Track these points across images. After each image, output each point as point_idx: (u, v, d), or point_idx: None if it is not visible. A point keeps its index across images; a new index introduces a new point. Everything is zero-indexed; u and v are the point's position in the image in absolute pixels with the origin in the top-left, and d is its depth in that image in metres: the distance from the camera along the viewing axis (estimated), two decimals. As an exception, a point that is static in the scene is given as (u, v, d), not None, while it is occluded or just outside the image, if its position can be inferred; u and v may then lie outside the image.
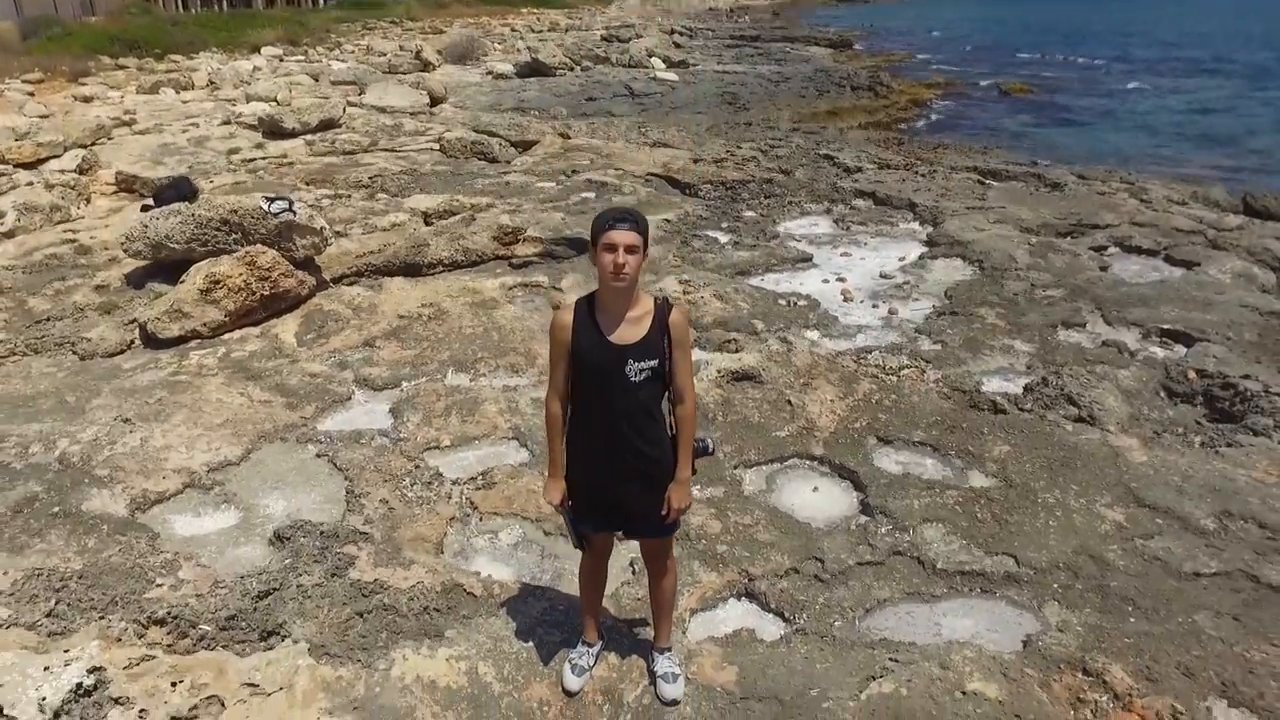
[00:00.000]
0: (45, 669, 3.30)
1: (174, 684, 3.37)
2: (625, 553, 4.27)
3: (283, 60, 27.52)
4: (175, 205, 7.59)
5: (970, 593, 4.23)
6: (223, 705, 3.33)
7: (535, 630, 3.82)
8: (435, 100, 19.26)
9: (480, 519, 4.81)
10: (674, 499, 3.16)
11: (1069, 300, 7.71)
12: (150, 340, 6.84)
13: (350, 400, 6.08)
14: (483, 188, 11.61)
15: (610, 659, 3.68)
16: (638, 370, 2.98)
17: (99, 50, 26.26)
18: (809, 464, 5.38)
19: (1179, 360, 6.45)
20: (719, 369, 6.24)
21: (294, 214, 7.42)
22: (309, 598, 3.98)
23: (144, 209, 8.37)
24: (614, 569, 3.78)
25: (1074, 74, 31.65)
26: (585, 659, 3.58)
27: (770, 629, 4.04)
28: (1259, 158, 17.96)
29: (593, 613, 3.61)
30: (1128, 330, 7.13)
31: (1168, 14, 69.36)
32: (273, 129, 14.47)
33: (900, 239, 9.94)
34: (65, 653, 3.43)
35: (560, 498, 3.21)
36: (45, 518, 4.54)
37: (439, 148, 13.93)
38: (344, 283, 8.18)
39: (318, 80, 21.79)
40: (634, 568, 4.28)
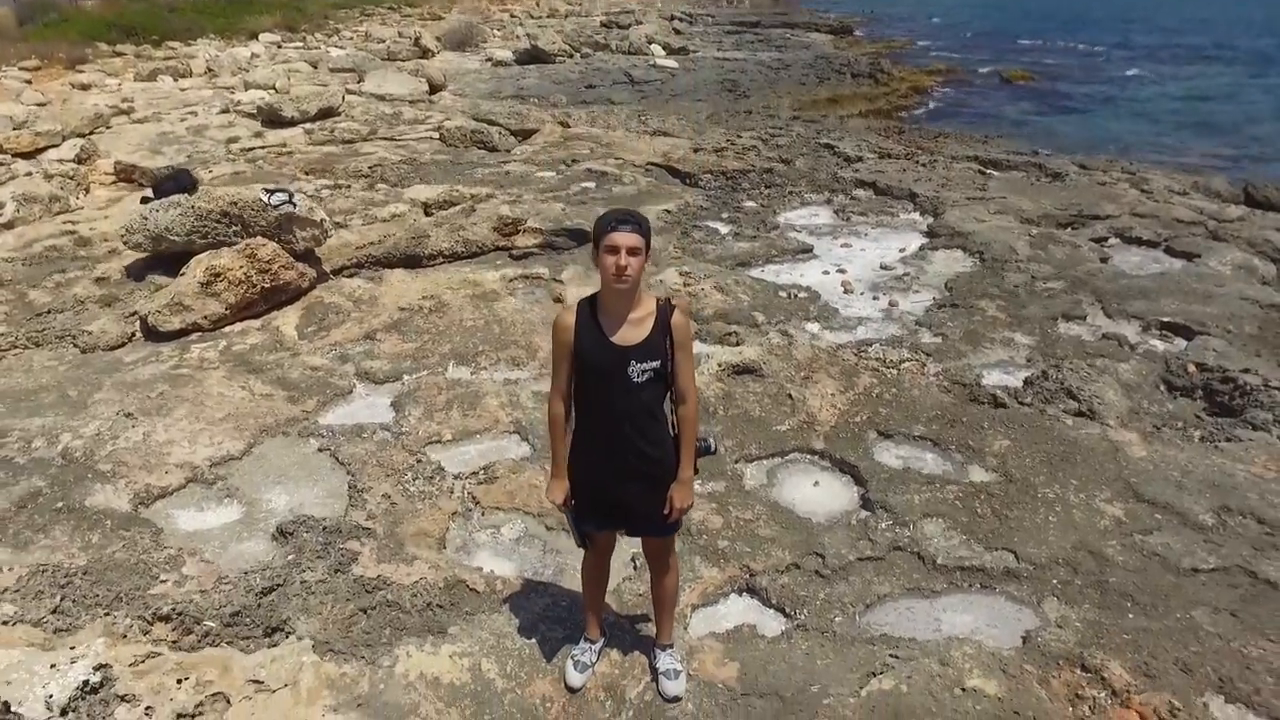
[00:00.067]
0: (52, 666, 3.32)
1: (179, 681, 3.39)
2: (627, 548, 4.29)
3: (281, 47, 27.38)
4: (175, 197, 7.58)
5: (970, 588, 4.25)
6: (228, 702, 3.36)
7: (538, 627, 3.84)
8: (434, 88, 19.18)
9: (482, 514, 4.83)
10: (676, 498, 3.17)
11: (1069, 292, 7.72)
12: (151, 333, 6.84)
13: (352, 394, 6.08)
14: (482, 177, 11.58)
15: (612, 655, 3.70)
16: (640, 371, 2.98)
17: (96, 37, 26.12)
18: (810, 458, 5.40)
19: (1179, 354, 6.46)
20: (720, 362, 6.25)
21: (294, 206, 7.41)
22: (313, 594, 4.00)
23: (144, 201, 8.35)
24: (616, 564, 3.80)
25: (1074, 60, 31.56)
26: (588, 656, 3.61)
27: (771, 624, 4.06)
28: (1260, 145, 17.94)
29: (595, 610, 3.63)
30: (1128, 323, 7.14)
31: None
32: (271, 118, 14.43)
33: (901, 230, 9.93)
34: (71, 650, 3.45)
35: (563, 497, 3.23)
36: (49, 513, 4.55)
37: (438, 136, 13.90)
38: (344, 274, 8.17)
39: (316, 67, 21.69)
40: (635, 563, 4.30)
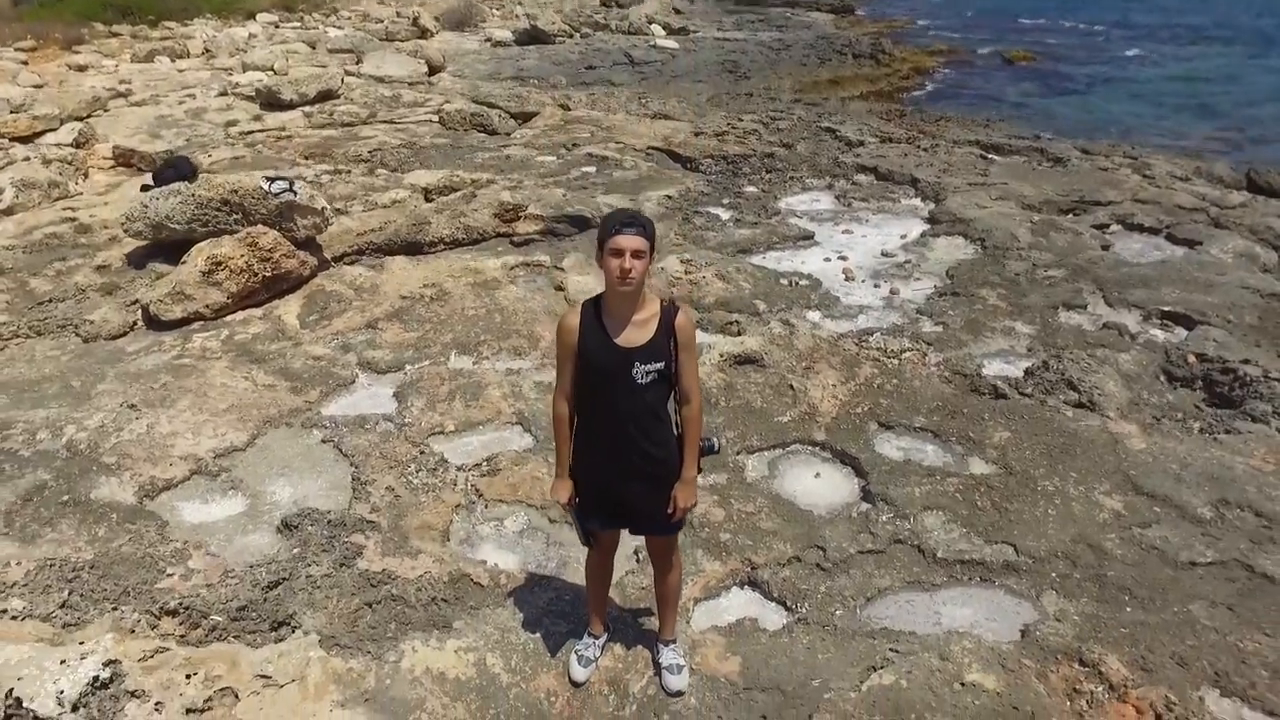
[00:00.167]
0: (62, 662, 3.35)
1: (188, 676, 3.43)
2: (630, 542, 4.28)
3: (278, 27, 27.11)
4: (175, 185, 7.54)
5: (970, 581, 4.29)
6: (236, 697, 3.40)
7: (542, 621, 3.88)
8: (433, 69, 19.06)
9: (485, 506, 4.85)
10: (680, 498, 3.20)
11: (1070, 281, 7.72)
12: (153, 322, 6.84)
13: (354, 384, 6.10)
14: (483, 162, 11.54)
15: (616, 650, 3.74)
16: (644, 372, 3.00)
17: (92, 16, 25.84)
18: (811, 450, 5.43)
19: (1179, 344, 6.48)
20: (721, 353, 6.26)
21: (294, 194, 7.39)
22: (318, 588, 4.04)
23: (144, 189, 8.33)
24: (618, 558, 3.82)
25: (1075, 40, 31.32)
26: (591, 650, 3.65)
27: (773, 618, 4.10)
28: (1261, 127, 17.86)
29: (599, 605, 3.67)
30: (1129, 312, 7.15)
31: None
32: (270, 100, 14.34)
33: (902, 216, 9.91)
34: (80, 645, 3.48)
35: (568, 496, 3.26)
36: (55, 506, 4.58)
37: (438, 119, 13.83)
38: (345, 262, 8.17)
39: (314, 48, 21.52)
40: (638, 557, 4.34)
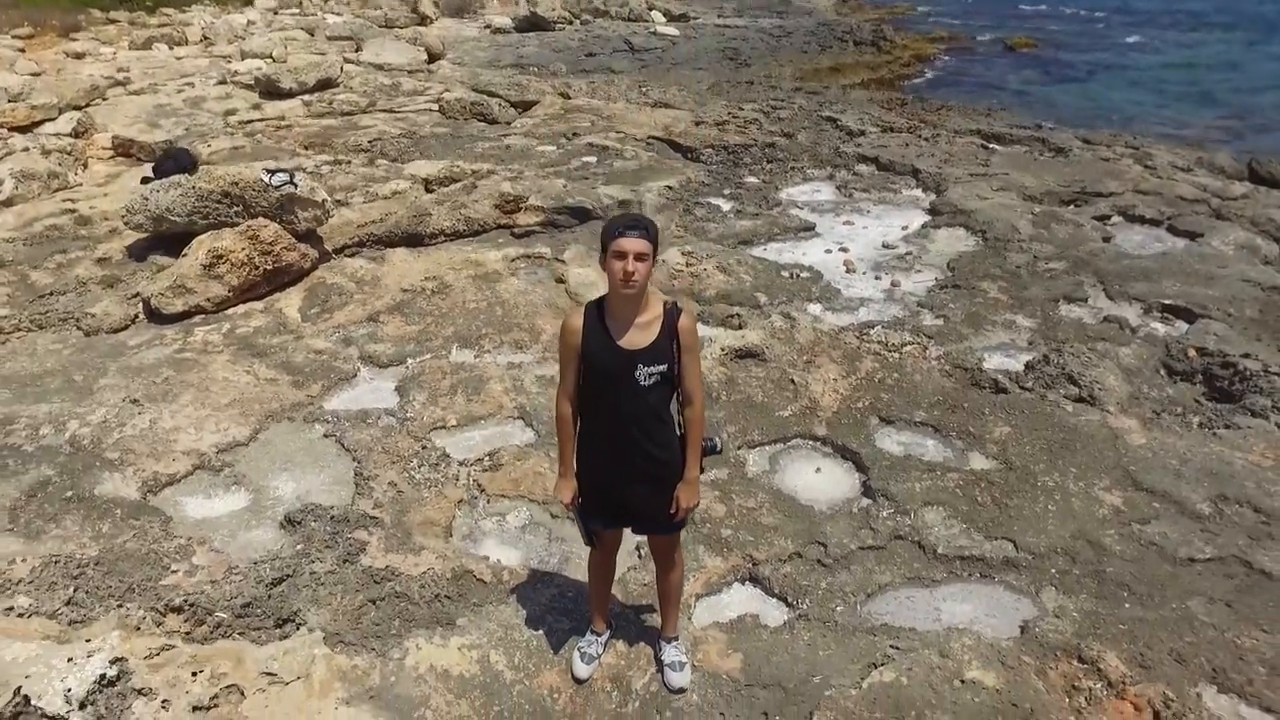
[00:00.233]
0: (69, 660, 3.38)
1: (194, 674, 3.46)
2: (632, 538, 4.30)
3: (277, 13, 27.01)
4: (175, 177, 7.54)
5: (970, 577, 4.32)
6: (242, 694, 3.43)
7: (545, 618, 3.91)
8: (433, 57, 18.99)
9: (488, 501, 4.87)
10: (683, 498, 3.22)
11: (1071, 273, 7.71)
12: (154, 315, 6.84)
13: (356, 378, 6.11)
14: (483, 151, 11.51)
15: (618, 647, 3.77)
16: (647, 375, 3.01)
17: (89, 3, 25.73)
18: (812, 444, 5.44)
19: (1180, 338, 6.48)
20: (723, 346, 6.27)
21: (295, 186, 7.38)
22: (322, 584, 4.06)
23: (144, 181, 8.32)
24: (621, 555, 3.83)
25: (1076, 26, 31.19)
26: (594, 648, 3.68)
27: (774, 614, 4.13)
28: (1262, 115, 17.81)
29: (601, 603, 3.69)
30: (1129, 305, 7.15)
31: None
32: (269, 89, 14.29)
33: (903, 207, 9.90)
34: (87, 643, 3.51)
35: (571, 496, 3.28)
36: (59, 502, 4.60)
37: (438, 108, 13.79)
38: (346, 253, 8.16)
39: (313, 35, 21.44)
40: (640, 553, 4.36)
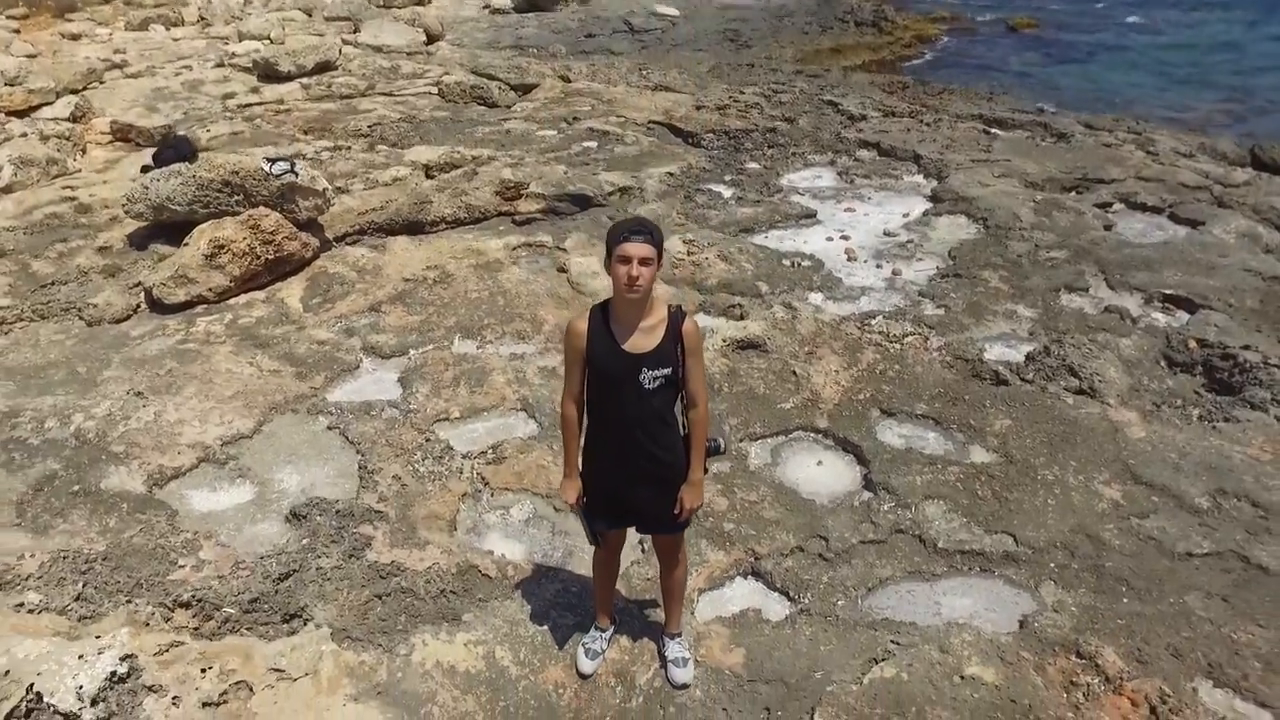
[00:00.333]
0: (80, 657, 3.42)
1: (203, 670, 3.50)
2: (635, 532, 4.37)
3: (273, -8, 26.74)
4: (175, 166, 7.51)
5: (969, 572, 4.36)
6: (251, 691, 3.47)
7: (549, 613, 3.95)
8: (432, 38, 18.83)
9: (491, 494, 4.91)
10: (687, 499, 3.25)
11: (1072, 262, 7.71)
12: (156, 305, 6.84)
13: (359, 369, 6.12)
14: (483, 136, 11.46)
15: (622, 642, 3.82)
16: (651, 378, 3.03)
17: (84, -18, 25.49)
18: (813, 436, 5.47)
19: (1180, 328, 6.50)
20: (724, 338, 6.28)
21: (296, 175, 7.36)
22: (328, 580, 4.10)
23: (144, 170, 8.29)
24: (624, 548, 3.87)
25: (1078, 5, 30.83)
26: (598, 643, 3.72)
27: (776, 608, 4.17)
28: (1263, 97, 17.67)
29: (605, 600, 3.74)
30: (1130, 295, 7.16)
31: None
32: (267, 72, 14.18)
33: (904, 193, 9.87)
34: (97, 639, 3.55)
35: (575, 497, 3.30)
36: (66, 496, 4.64)
37: (438, 92, 13.69)
38: (347, 242, 8.14)
39: (311, 15, 21.23)
40: (643, 547, 4.40)
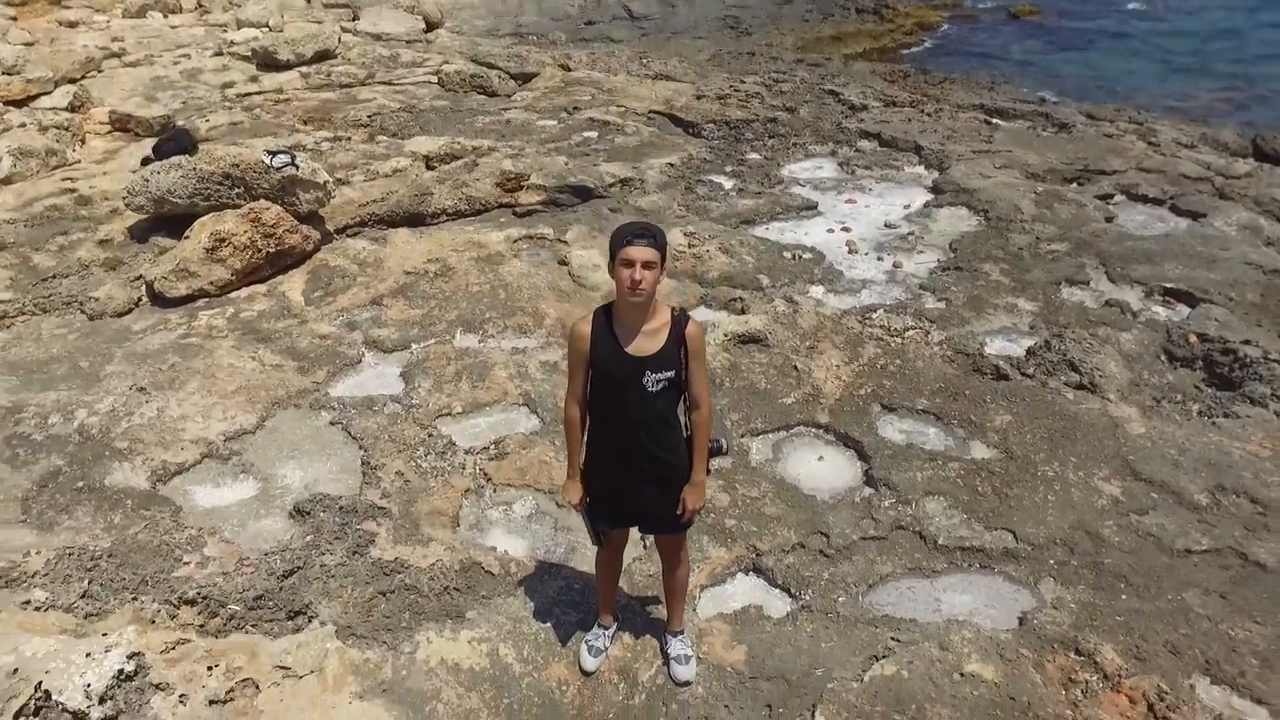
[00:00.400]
0: (87, 655, 3.44)
1: (210, 668, 3.53)
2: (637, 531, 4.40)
3: (271, -22, 26.59)
4: (176, 159, 7.50)
5: (969, 568, 4.39)
6: (257, 688, 3.50)
7: (552, 610, 3.98)
8: (431, 25, 18.75)
9: (494, 490, 4.93)
10: (689, 500, 3.27)
11: (1073, 255, 7.71)
12: (157, 299, 6.84)
13: (361, 363, 6.13)
14: (483, 126, 11.42)
15: (625, 639, 3.84)
16: (655, 381, 3.04)
17: (80, -33, 25.33)
18: (815, 432, 5.49)
19: (1181, 323, 6.51)
20: (725, 332, 6.29)
21: (296, 168, 7.34)
22: (332, 577, 4.13)
23: (144, 162, 8.28)
24: (626, 546, 3.90)
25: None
26: (601, 640, 3.75)
27: (777, 605, 4.20)
28: (1264, 86, 17.57)
29: (608, 598, 3.76)
30: (1131, 289, 7.16)
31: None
32: (266, 61, 14.12)
33: (905, 184, 9.86)
34: (104, 637, 3.57)
35: (579, 497, 3.33)
36: (70, 492, 4.66)
37: (437, 81, 13.64)
38: (348, 234, 8.13)
39: (309, 2, 21.07)
40: (645, 543, 4.42)
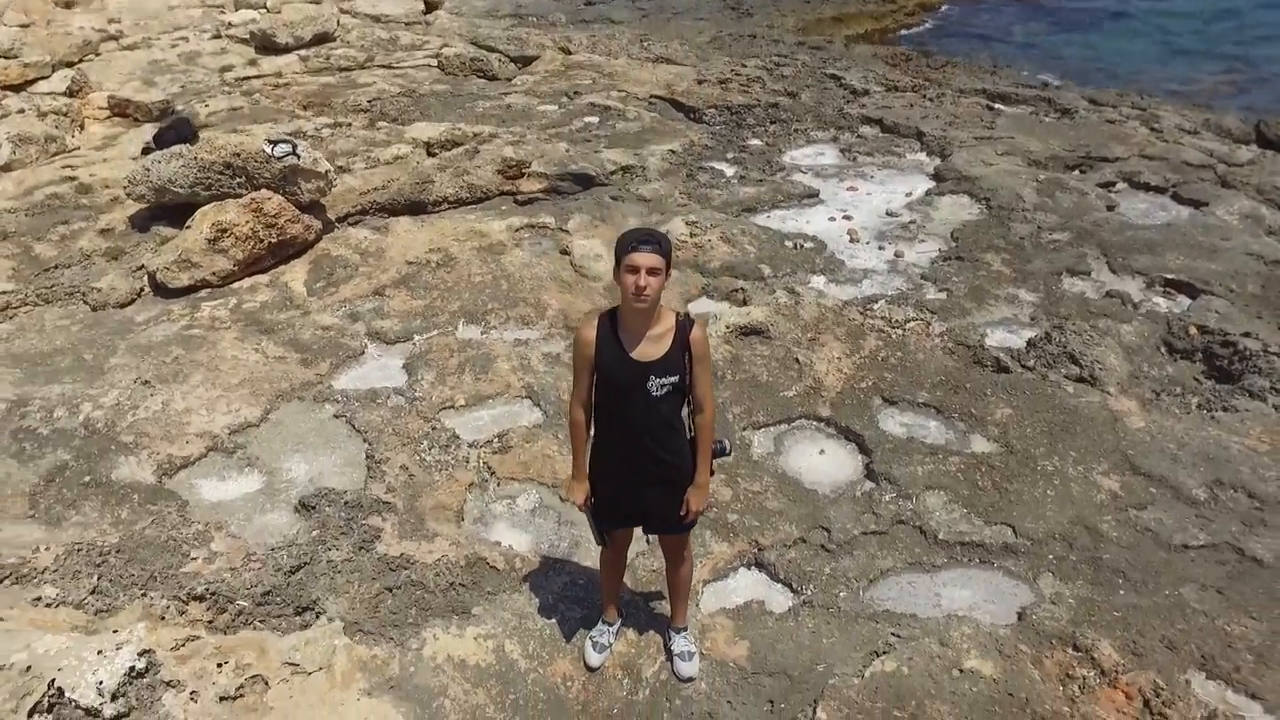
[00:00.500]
0: (99, 652, 3.48)
1: (219, 665, 3.57)
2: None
3: (268, -43, 26.36)
4: (176, 148, 7.49)
5: (969, 563, 4.44)
6: (266, 685, 3.55)
7: (557, 607, 4.02)
8: (430, 6, 18.59)
9: (498, 484, 4.97)
10: (693, 501, 3.30)
11: (1075, 245, 7.71)
12: (160, 289, 6.85)
13: (364, 355, 6.15)
14: (484, 112, 11.38)
15: (629, 635, 3.89)
16: (659, 386, 3.07)
17: (75, -54, 25.10)
18: (816, 425, 5.52)
19: (1181, 314, 6.52)
20: (727, 324, 6.31)
21: (297, 157, 7.33)
22: (339, 573, 4.17)
23: (145, 151, 8.25)
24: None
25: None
26: (605, 637, 3.80)
27: (779, 599, 4.25)
28: (1265, 69, 17.44)
29: (612, 595, 3.81)
30: (1132, 279, 7.17)
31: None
32: (265, 43, 14.03)
33: (907, 172, 9.84)
34: (115, 634, 3.61)
35: (583, 498, 3.36)
36: (77, 487, 4.69)
37: (437, 64, 13.57)
38: (349, 222, 8.13)
39: (306, -18, 20.97)
40: (649, 539, 4.45)
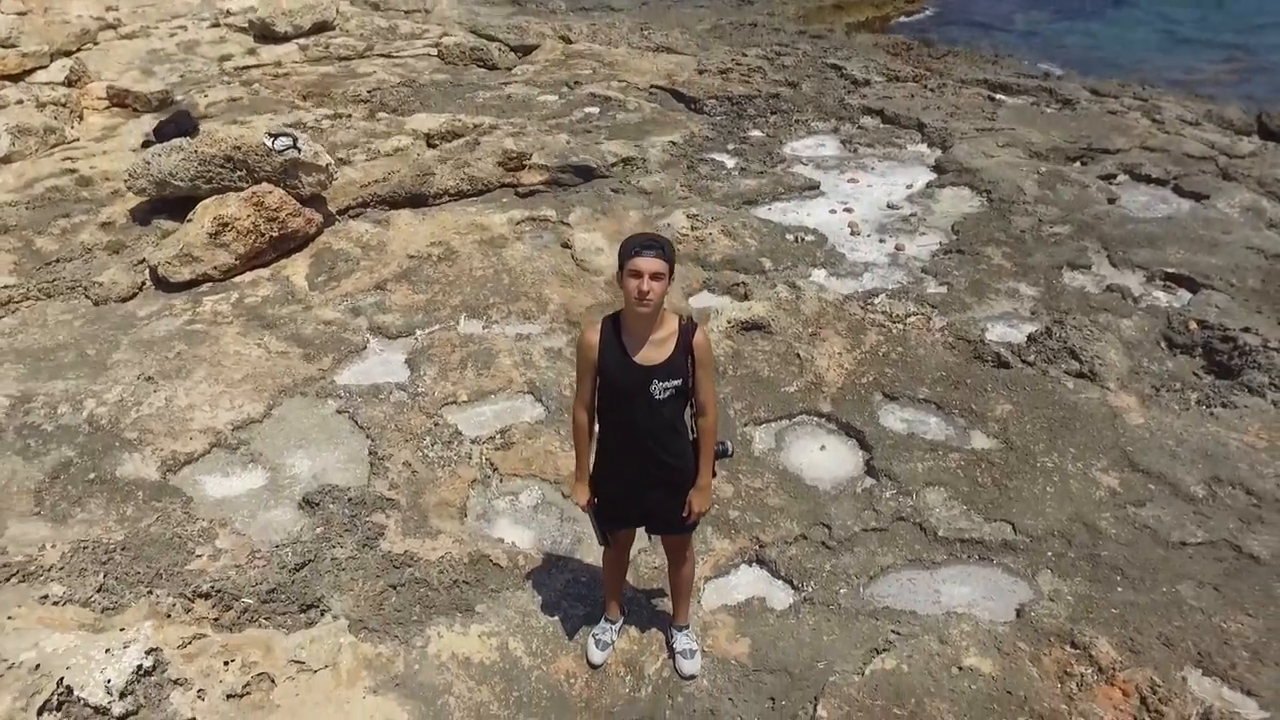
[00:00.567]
0: (107, 650, 3.52)
1: (226, 663, 3.61)
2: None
3: (265, -57, 26.20)
4: (177, 141, 7.48)
5: (969, 560, 4.47)
6: (273, 682, 3.59)
7: (560, 604, 4.06)
8: (428, -7, 18.54)
9: (500, 480, 4.99)
10: (695, 503, 3.33)
11: (1075, 238, 7.71)
12: (161, 283, 6.86)
13: (366, 350, 6.17)
14: (484, 102, 11.35)
15: (631, 632, 3.93)
16: (662, 389, 3.09)
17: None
18: (817, 421, 5.55)
19: (1181, 309, 6.54)
20: (729, 319, 6.32)
21: (298, 151, 7.32)
22: (343, 570, 4.21)
23: (145, 144, 8.24)
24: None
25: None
26: (608, 634, 3.83)
27: (780, 596, 4.29)
28: (1265, 57, 17.39)
29: (615, 594, 3.84)
30: (1132, 274, 7.18)
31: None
32: (264, 33, 13.97)
33: (908, 163, 9.82)
34: (122, 632, 3.65)
35: (586, 499, 3.39)
36: (82, 484, 4.72)
37: (437, 54, 13.53)
38: (350, 215, 8.13)
39: (305, -31, 20.85)
40: (651, 535, 4.48)
